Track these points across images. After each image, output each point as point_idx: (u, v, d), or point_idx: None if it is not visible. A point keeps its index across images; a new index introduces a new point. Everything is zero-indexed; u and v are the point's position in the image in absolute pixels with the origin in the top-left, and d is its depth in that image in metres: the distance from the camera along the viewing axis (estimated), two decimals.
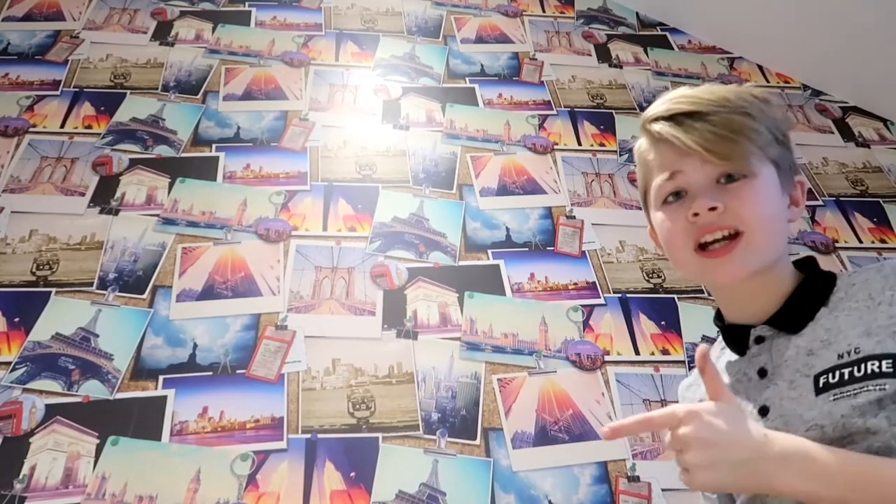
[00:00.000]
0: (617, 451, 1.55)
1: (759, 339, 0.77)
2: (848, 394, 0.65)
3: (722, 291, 0.82)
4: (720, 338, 0.85)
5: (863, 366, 0.66)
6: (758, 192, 0.73)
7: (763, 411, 0.74)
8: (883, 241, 2.10)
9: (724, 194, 0.73)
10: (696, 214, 0.73)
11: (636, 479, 1.52)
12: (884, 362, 0.65)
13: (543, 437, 1.56)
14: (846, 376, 0.66)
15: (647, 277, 1.91)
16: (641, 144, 0.83)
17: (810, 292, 0.76)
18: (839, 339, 0.69)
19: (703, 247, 0.74)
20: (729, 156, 0.73)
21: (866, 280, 0.73)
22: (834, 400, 0.66)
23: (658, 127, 0.77)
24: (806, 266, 0.79)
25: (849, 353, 0.67)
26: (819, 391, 0.68)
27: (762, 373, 0.76)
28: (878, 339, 0.66)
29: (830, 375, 0.68)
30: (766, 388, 0.75)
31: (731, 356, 0.81)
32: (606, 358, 1.72)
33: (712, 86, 0.78)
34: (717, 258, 0.73)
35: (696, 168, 0.75)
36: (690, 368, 1.70)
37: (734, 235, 0.73)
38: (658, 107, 0.79)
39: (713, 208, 0.72)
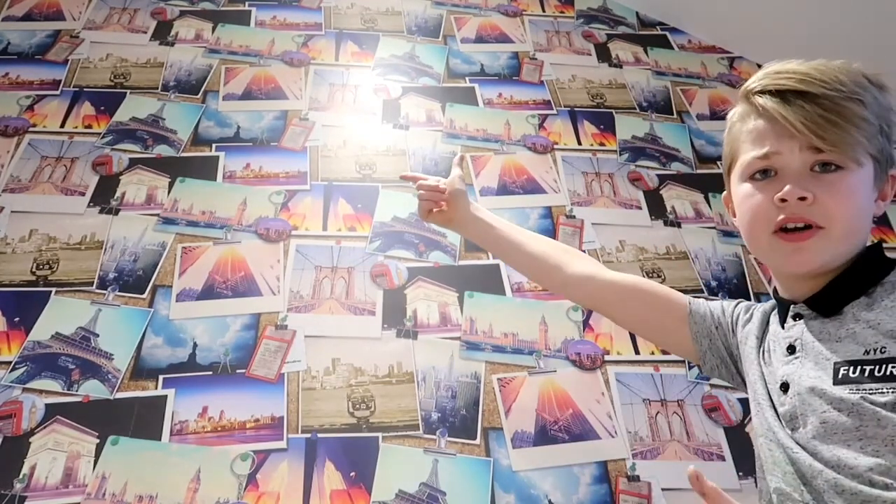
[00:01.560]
0: (617, 451, 1.55)
1: (797, 317, 0.77)
2: (865, 390, 0.66)
3: (781, 273, 0.82)
4: (777, 307, 0.85)
5: (884, 366, 0.65)
6: (851, 188, 0.72)
7: (784, 387, 0.74)
8: (882, 241, 2.10)
9: (816, 184, 0.71)
10: (783, 200, 0.72)
11: (636, 478, 1.52)
12: None
13: (543, 436, 1.56)
14: (866, 373, 0.66)
15: (647, 277, 1.91)
16: (737, 113, 0.80)
17: (854, 279, 0.74)
18: (867, 334, 0.69)
19: (781, 230, 0.73)
20: (836, 144, 0.70)
21: None
22: (849, 393, 0.67)
23: (763, 101, 0.74)
24: (869, 253, 0.77)
25: (875, 351, 0.67)
26: (838, 381, 0.68)
27: (791, 349, 0.76)
28: None
29: (852, 369, 0.68)
30: (789, 364, 0.75)
31: (778, 325, 0.82)
32: (606, 357, 1.72)
33: (825, 64, 0.75)
34: (792, 242, 0.72)
35: (793, 152, 0.72)
36: (690, 368, 1.70)
37: (815, 226, 0.72)
38: (764, 79, 0.76)
39: (803, 198, 0.71)
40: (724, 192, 0.87)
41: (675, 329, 0.96)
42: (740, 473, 1.54)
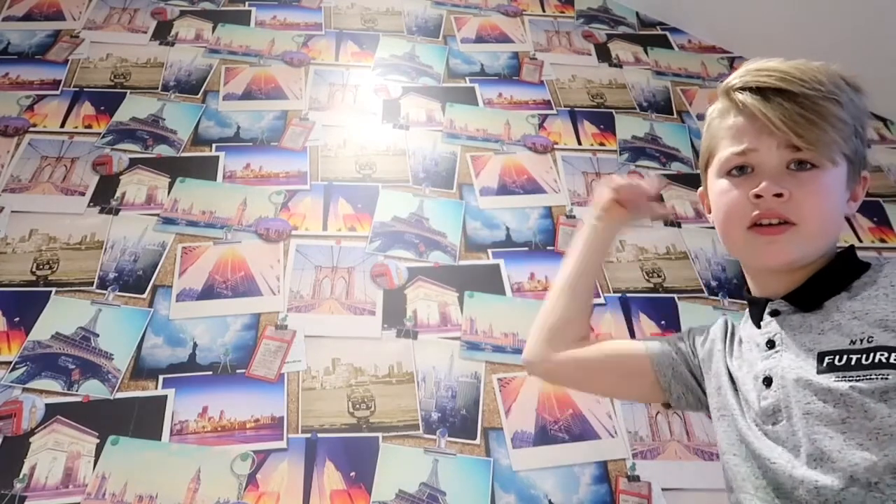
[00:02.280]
0: (617, 451, 1.55)
1: (775, 313, 0.78)
2: (852, 378, 0.66)
3: (755, 270, 0.82)
4: (748, 311, 0.85)
5: (872, 355, 0.65)
6: (824, 186, 0.73)
7: (767, 381, 0.74)
8: (882, 241, 2.10)
9: (792, 182, 0.72)
10: (759, 196, 0.73)
11: (636, 478, 1.52)
12: (892, 355, 0.64)
13: (543, 436, 1.56)
14: (853, 362, 0.66)
15: (646, 277, 1.91)
16: (716, 109, 0.81)
17: (833, 276, 0.75)
18: (853, 325, 0.69)
19: (755, 225, 0.74)
20: (813, 143, 0.71)
21: (892, 273, 0.72)
22: (836, 381, 0.66)
23: (743, 97, 0.75)
24: (844, 254, 0.78)
25: (861, 341, 0.67)
26: (822, 370, 0.68)
27: (770, 344, 0.76)
28: (894, 334, 0.66)
29: (837, 358, 0.68)
30: (770, 358, 0.75)
31: (752, 326, 0.82)
32: None
33: (805, 64, 0.75)
34: (765, 236, 0.73)
35: (770, 149, 0.73)
36: None
37: (788, 222, 0.73)
38: (745, 76, 0.77)
39: (779, 195, 0.72)
40: (700, 188, 0.87)
41: (639, 374, 0.93)
42: None
